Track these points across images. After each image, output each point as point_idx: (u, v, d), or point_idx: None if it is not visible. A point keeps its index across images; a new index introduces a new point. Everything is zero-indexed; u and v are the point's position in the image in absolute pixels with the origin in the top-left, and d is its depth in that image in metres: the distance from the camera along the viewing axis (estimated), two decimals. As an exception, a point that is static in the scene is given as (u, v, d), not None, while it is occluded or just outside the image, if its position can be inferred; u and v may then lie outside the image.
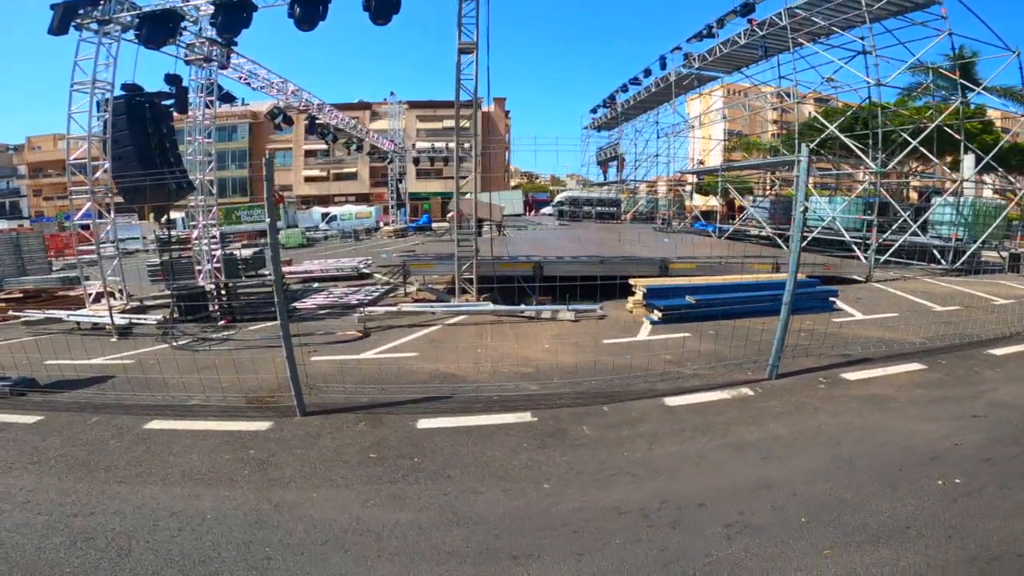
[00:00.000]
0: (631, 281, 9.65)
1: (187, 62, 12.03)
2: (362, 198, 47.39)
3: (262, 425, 4.53)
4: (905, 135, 15.11)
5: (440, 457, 4.02)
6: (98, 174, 9.70)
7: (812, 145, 17.24)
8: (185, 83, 11.96)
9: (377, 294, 11.51)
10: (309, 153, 49.22)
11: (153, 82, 11.07)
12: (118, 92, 10.19)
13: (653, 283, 9.28)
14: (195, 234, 14.05)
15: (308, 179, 49.35)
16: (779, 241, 17.13)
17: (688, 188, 30.36)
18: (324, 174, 49.92)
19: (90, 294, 9.89)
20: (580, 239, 16.48)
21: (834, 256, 13.96)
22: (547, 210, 46.56)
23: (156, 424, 4.58)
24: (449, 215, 31.04)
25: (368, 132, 27.83)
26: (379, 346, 7.34)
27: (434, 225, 37.30)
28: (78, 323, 9.42)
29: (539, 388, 5.57)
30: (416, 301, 10.41)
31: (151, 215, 43.83)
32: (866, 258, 13.54)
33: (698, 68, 20.59)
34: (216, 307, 9.54)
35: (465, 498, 3.47)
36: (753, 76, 20.50)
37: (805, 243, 16.18)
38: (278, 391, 5.36)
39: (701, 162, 34.05)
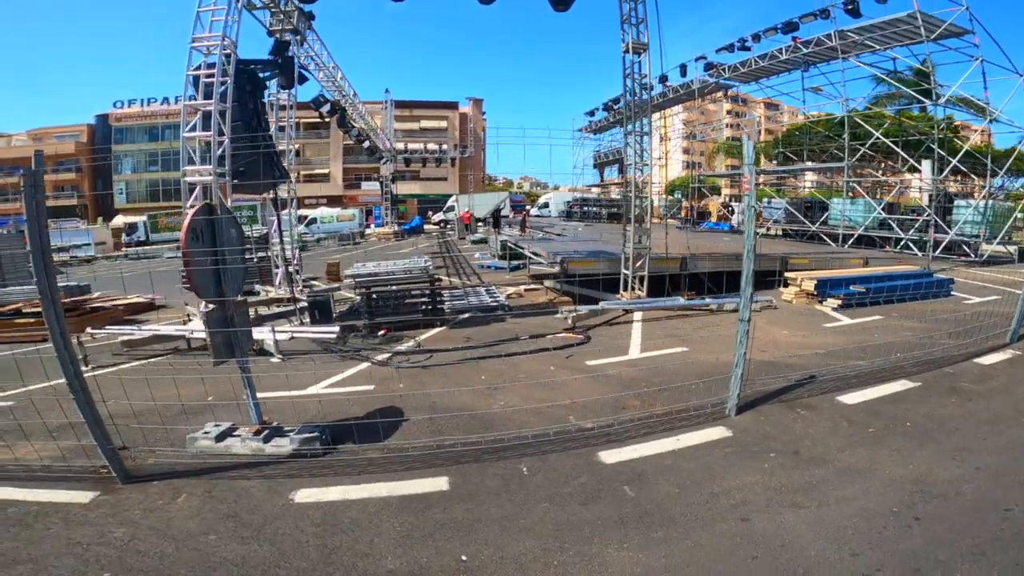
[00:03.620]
0: (790, 275, 9.87)
1: (270, 32, 10.66)
2: (335, 200, 44.82)
3: (721, 431, 4.04)
4: (936, 147, 16.65)
5: (914, 418, 4.25)
6: (220, 150, 8.27)
7: (854, 159, 18.65)
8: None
9: (498, 295, 10.63)
10: (275, 151, 45.71)
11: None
12: (214, 59, 8.77)
13: (822, 275, 9.56)
14: (272, 231, 12.55)
15: (275, 179, 45.65)
16: (824, 238, 18.29)
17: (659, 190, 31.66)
18: (292, 175, 46.48)
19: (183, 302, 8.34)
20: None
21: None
22: (533, 211, 46.15)
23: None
24: (460, 214, 30.07)
25: (376, 130, 26.36)
26: (632, 347, 6.83)
27: (426, 227, 35.98)
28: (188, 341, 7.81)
29: (868, 364, 5.51)
30: (552, 302, 9.90)
31: (99, 219, 38.61)
32: (924, 254, 14.78)
33: (726, 78, 21.57)
34: (367, 316, 8.38)
35: (1002, 435, 3.92)
36: (776, 87, 21.78)
37: (849, 242, 17.45)
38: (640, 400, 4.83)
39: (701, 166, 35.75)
